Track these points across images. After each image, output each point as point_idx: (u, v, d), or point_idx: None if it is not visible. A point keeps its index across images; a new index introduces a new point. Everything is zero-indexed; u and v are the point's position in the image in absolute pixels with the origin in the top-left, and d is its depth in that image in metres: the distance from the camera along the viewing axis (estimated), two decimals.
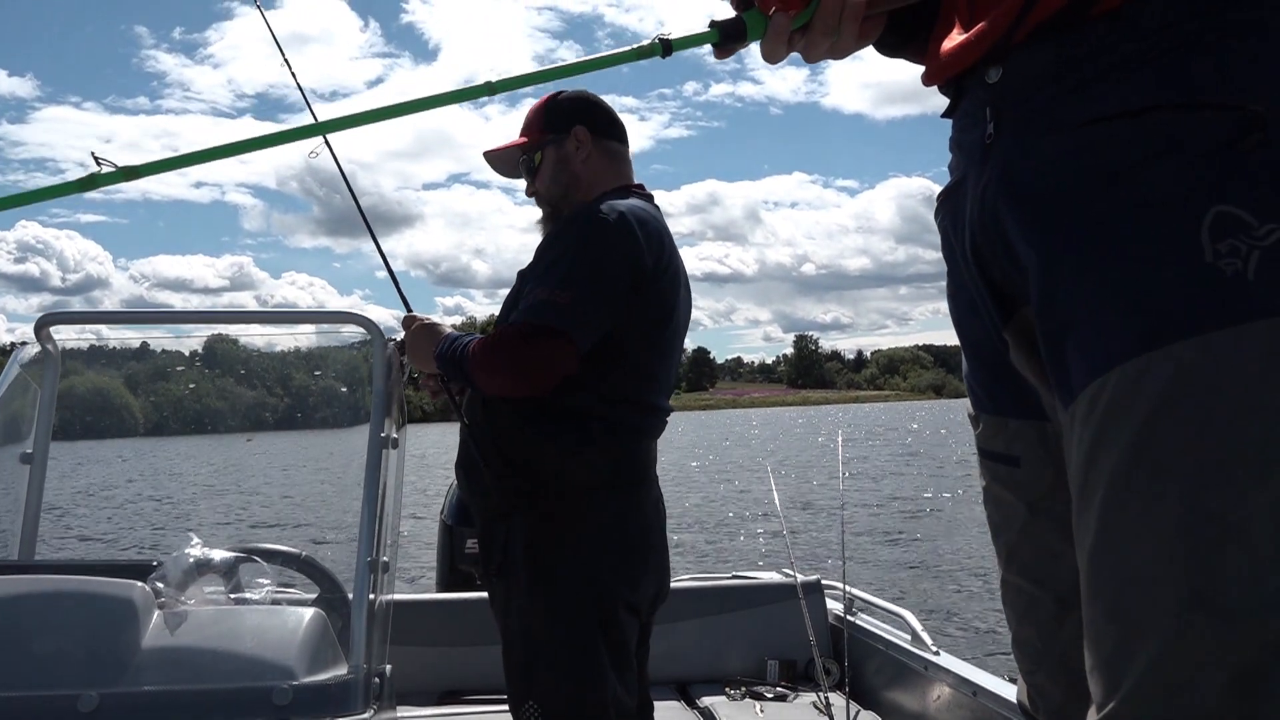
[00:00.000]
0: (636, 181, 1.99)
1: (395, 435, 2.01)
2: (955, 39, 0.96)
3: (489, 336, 1.75)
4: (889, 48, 1.11)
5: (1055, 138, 0.85)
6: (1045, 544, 0.98)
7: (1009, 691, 2.42)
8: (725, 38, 0.96)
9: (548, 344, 1.67)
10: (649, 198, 1.96)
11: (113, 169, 0.93)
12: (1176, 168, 0.77)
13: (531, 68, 1.00)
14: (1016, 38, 0.88)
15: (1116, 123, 0.80)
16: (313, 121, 1.02)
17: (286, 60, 2.37)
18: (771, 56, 0.97)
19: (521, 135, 2.00)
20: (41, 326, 2.15)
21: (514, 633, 1.77)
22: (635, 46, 0.98)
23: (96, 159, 0.93)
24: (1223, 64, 0.77)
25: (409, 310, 2.06)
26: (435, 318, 1.96)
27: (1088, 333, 0.80)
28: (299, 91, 2.30)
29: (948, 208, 1.01)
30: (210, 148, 0.97)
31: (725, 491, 19.20)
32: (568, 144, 1.93)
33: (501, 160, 2.04)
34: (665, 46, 0.97)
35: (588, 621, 1.73)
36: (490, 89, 0.99)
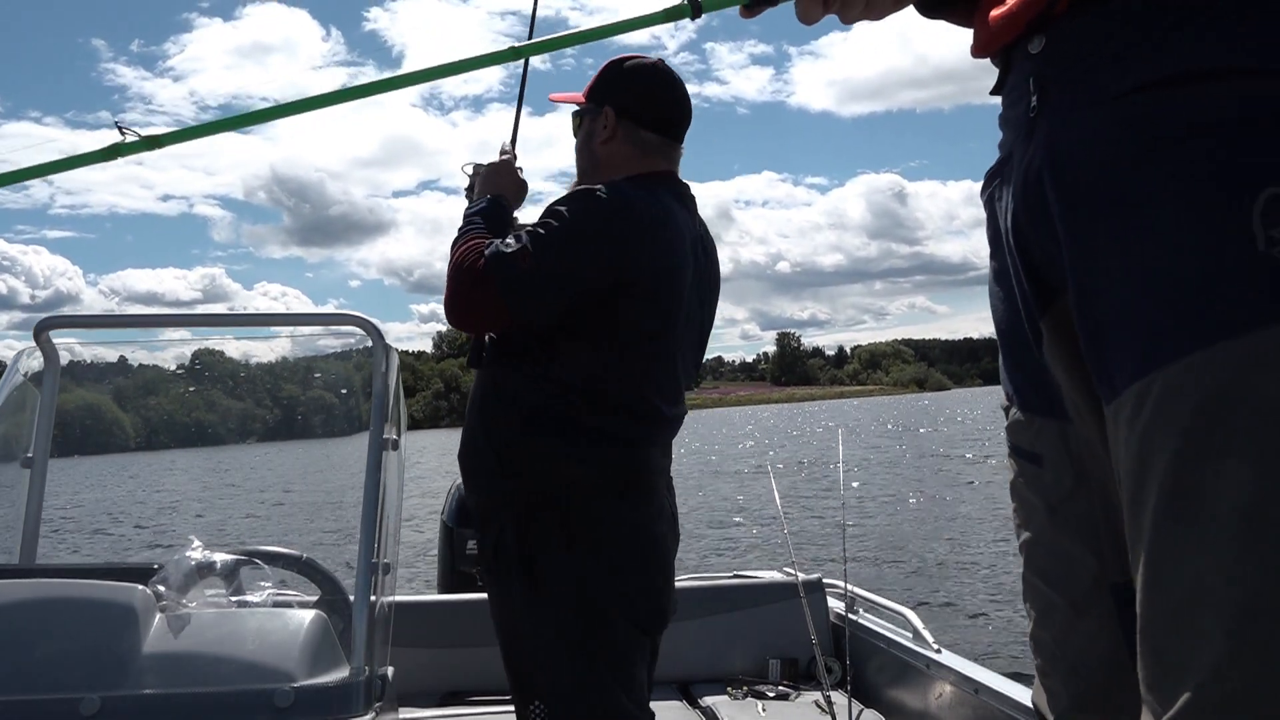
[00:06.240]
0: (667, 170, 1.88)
1: (395, 437, 2.01)
2: (1003, 7, 0.91)
3: (458, 257, 1.72)
4: (928, 9, 1.06)
5: (1096, 110, 0.79)
6: (1061, 548, 0.95)
7: (1011, 689, 2.41)
8: None
9: (485, 298, 1.68)
10: (678, 191, 1.87)
11: (136, 138, 0.94)
12: (1222, 143, 0.71)
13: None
14: (1059, 6, 0.83)
15: (1157, 92, 0.75)
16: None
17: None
18: (806, 17, 0.93)
19: (583, 93, 1.92)
20: (41, 330, 2.15)
21: (511, 634, 1.77)
22: (664, 9, 0.95)
23: (120, 129, 0.93)
24: (1277, 28, 0.71)
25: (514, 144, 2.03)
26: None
27: (1130, 328, 0.75)
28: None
29: (993, 185, 0.96)
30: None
31: (726, 490, 19.18)
32: (599, 120, 1.87)
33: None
34: (695, 8, 0.94)
35: (581, 622, 1.72)
36: (515, 54, 0.99)
